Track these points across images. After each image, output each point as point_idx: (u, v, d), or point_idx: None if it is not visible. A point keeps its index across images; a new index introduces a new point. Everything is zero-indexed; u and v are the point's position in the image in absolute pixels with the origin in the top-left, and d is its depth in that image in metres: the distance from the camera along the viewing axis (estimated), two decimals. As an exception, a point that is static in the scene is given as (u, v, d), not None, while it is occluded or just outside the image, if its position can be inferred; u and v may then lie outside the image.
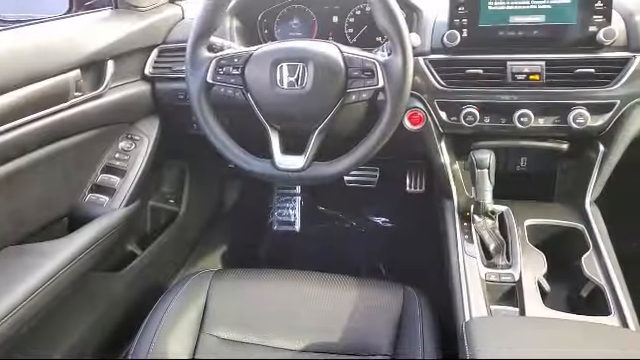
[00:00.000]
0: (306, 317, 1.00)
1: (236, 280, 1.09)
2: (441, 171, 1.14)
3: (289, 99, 0.98)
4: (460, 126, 1.06)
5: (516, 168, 1.20)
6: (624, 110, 0.99)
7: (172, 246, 1.55)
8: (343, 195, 1.86)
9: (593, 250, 0.96)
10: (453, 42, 1.03)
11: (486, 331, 0.76)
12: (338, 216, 1.91)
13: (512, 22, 1.01)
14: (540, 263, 0.94)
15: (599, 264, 0.93)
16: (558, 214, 1.06)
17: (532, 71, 1.00)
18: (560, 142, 1.10)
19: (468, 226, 1.05)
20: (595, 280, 0.90)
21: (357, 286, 1.04)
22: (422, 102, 1.07)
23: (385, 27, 0.93)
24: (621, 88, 0.98)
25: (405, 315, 0.97)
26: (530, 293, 0.88)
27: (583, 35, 0.98)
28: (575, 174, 1.12)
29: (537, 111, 1.02)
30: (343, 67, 0.96)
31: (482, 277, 0.93)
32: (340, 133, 1.08)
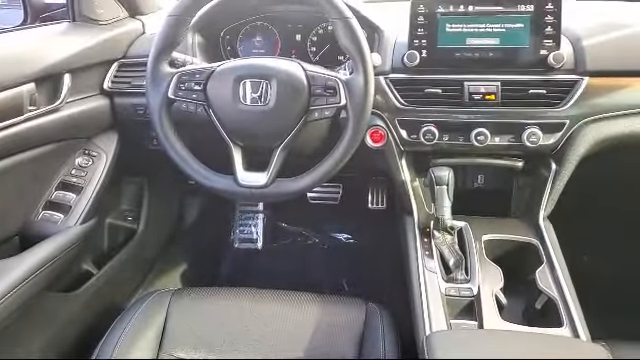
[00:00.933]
0: (268, 336, 0.98)
1: (196, 299, 1.07)
2: (402, 188, 1.16)
3: (252, 116, 0.98)
4: (420, 144, 1.09)
5: (474, 185, 1.24)
6: (573, 130, 1.04)
7: (130, 265, 1.50)
8: (306, 212, 1.86)
9: (547, 264, 0.99)
10: (413, 62, 1.06)
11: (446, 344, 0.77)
12: (301, 233, 1.91)
13: (469, 44, 1.05)
14: (497, 277, 0.97)
15: (552, 278, 0.96)
16: (514, 229, 1.09)
17: (488, 91, 1.04)
18: (515, 160, 1.14)
19: (428, 242, 1.07)
20: (548, 293, 0.93)
21: (319, 303, 1.04)
22: (383, 120, 1.10)
23: (347, 46, 0.95)
24: (570, 109, 1.03)
25: (367, 331, 0.97)
26: (488, 307, 0.90)
27: (535, 58, 1.03)
28: (529, 191, 1.16)
29: (493, 130, 1.05)
30: (306, 85, 0.97)
31: (442, 292, 0.95)
32: (303, 150, 1.09)
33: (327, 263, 1.82)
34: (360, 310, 1.02)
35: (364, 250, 1.83)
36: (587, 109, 1.03)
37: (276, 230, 1.91)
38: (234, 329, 1.00)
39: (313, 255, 1.86)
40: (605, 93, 1.03)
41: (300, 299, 1.06)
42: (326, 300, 1.05)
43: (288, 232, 1.92)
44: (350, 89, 0.96)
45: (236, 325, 1.01)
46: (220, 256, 1.85)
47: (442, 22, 1.05)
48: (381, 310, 1.02)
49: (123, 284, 1.51)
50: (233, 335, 0.99)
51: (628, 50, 1.06)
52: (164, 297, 1.06)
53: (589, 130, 1.04)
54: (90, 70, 1.17)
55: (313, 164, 1.00)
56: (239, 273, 1.81)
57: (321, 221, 1.90)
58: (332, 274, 1.77)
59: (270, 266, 1.82)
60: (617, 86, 1.03)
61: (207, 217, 1.90)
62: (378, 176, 1.69)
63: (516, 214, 1.19)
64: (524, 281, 1.00)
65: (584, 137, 1.05)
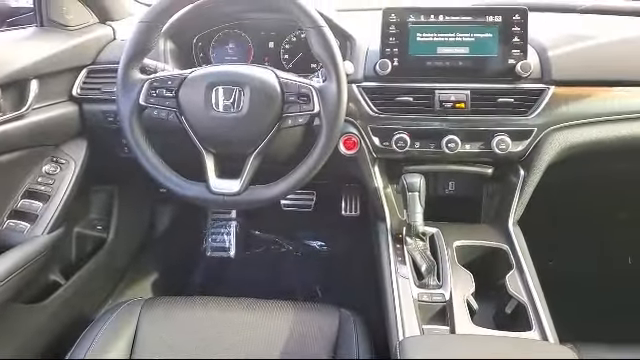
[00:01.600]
0: (240, 345, 0.97)
1: (168, 308, 1.05)
2: (375, 195, 1.17)
3: (225, 122, 0.98)
4: (392, 151, 1.10)
5: (445, 191, 1.26)
6: (541, 137, 1.07)
7: (100, 274, 1.47)
8: (279, 219, 1.86)
9: (516, 269, 1.01)
10: (385, 70, 1.07)
11: (418, 350, 0.78)
12: (274, 240, 1.90)
13: (439, 53, 1.07)
14: (468, 282, 0.98)
15: (522, 282, 0.98)
16: (484, 235, 1.11)
17: (458, 99, 1.06)
18: (485, 167, 1.16)
19: (401, 248, 1.08)
20: (518, 297, 0.95)
21: (293, 311, 1.04)
22: (356, 128, 1.11)
23: (320, 54, 0.96)
24: (537, 117, 1.06)
25: (341, 337, 0.97)
26: (460, 312, 0.92)
27: (503, 67, 1.06)
28: (499, 197, 1.18)
29: (463, 137, 1.07)
30: (279, 92, 0.97)
31: (414, 297, 0.96)
32: (277, 157, 1.09)
33: (300, 270, 1.82)
34: (333, 317, 1.02)
35: (338, 257, 1.83)
36: (553, 117, 1.06)
37: (249, 238, 1.90)
38: (206, 338, 0.98)
39: (286, 263, 1.85)
40: (570, 102, 1.06)
41: (273, 307, 1.05)
42: (299, 307, 1.05)
43: (261, 240, 1.91)
44: (323, 97, 0.96)
45: (209, 334, 0.99)
46: (192, 265, 1.83)
47: (413, 31, 1.07)
48: (354, 316, 1.02)
49: (92, 294, 1.47)
50: (205, 344, 0.97)
51: (591, 61, 1.10)
52: (135, 306, 1.04)
53: (555, 137, 1.08)
54: (58, 76, 1.15)
55: (287, 171, 1.00)
56: (211, 282, 1.79)
57: (295, 228, 1.90)
58: (306, 281, 1.76)
59: (243, 274, 1.81)
60: (581, 95, 1.07)
61: (179, 225, 1.87)
62: (351, 183, 1.70)
63: (486, 220, 1.21)
64: (494, 286, 1.01)
65: (551, 144, 1.08)
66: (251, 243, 1.90)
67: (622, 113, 1.07)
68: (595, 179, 1.41)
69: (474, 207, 1.23)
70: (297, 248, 1.89)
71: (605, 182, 1.46)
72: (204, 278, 1.80)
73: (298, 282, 1.77)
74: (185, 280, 1.78)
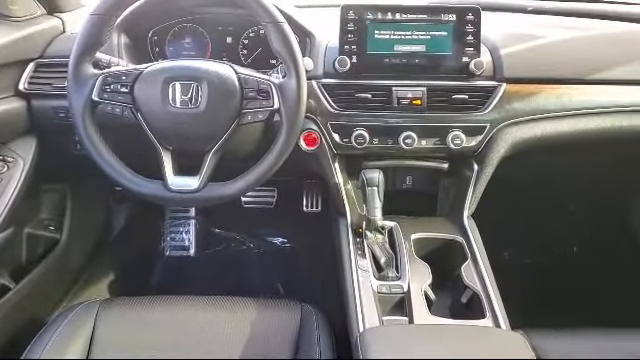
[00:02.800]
0: (201, 343, 0.96)
1: (126, 309, 1.02)
2: (335, 190, 1.18)
3: (182, 118, 0.96)
4: (352, 147, 1.11)
5: (403, 186, 1.28)
6: (493, 133, 1.11)
7: (52, 277, 1.41)
8: (240, 216, 1.85)
9: (471, 260, 1.05)
10: (344, 67, 1.08)
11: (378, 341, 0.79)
12: (235, 238, 1.89)
13: (396, 50, 1.09)
14: (426, 274, 1.01)
15: (476, 273, 1.02)
16: (440, 228, 1.15)
17: (415, 96, 1.09)
18: (441, 162, 1.20)
19: (361, 241, 1.10)
20: (473, 287, 0.98)
21: (254, 307, 1.03)
22: (316, 124, 1.11)
23: (279, 50, 0.95)
24: (490, 113, 1.09)
25: (303, 332, 0.98)
26: (417, 302, 0.94)
27: (457, 64, 1.09)
28: (454, 191, 1.22)
29: (420, 133, 1.10)
30: (238, 87, 0.96)
31: (374, 289, 0.97)
32: (236, 153, 1.08)
33: (262, 268, 1.81)
34: (295, 312, 1.02)
35: (299, 253, 1.84)
36: (505, 113, 1.10)
37: (209, 236, 1.88)
38: (167, 338, 0.97)
39: (248, 260, 1.84)
40: (521, 99, 1.10)
41: (234, 304, 1.04)
42: (261, 304, 1.05)
43: (222, 238, 1.89)
44: (283, 93, 0.96)
45: (169, 333, 0.98)
46: (151, 265, 1.79)
47: (371, 29, 1.08)
48: (316, 311, 1.03)
49: (45, 297, 1.42)
50: (166, 344, 0.96)
51: (540, 59, 1.15)
52: (91, 308, 1.01)
53: (507, 133, 1.12)
54: (2, 70, 1.10)
55: (247, 168, 1.00)
56: (171, 281, 1.76)
57: (256, 225, 1.89)
58: (267, 278, 1.76)
59: (204, 273, 1.79)
60: (531, 92, 1.11)
61: (136, 225, 1.83)
62: (312, 179, 1.71)
63: (442, 213, 1.24)
64: (450, 277, 1.05)
65: (503, 139, 1.12)
66: (211, 241, 1.87)
67: (569, 110, 1.12)
68: (543, 172, 1.47)
69: (431, 201, 1.26)
70: (258, 245, 1.88)
71: (552, 175, 1.53)
72: (163, 278, 1.77)
73: (260, 279, 1.76)
74: (144, 280, 1.74)
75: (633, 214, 1.70)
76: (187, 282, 1.75)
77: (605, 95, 1.13)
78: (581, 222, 1.75)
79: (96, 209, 1.69)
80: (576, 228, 1.77)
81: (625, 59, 1.14)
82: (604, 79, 1.13)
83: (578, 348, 0.91)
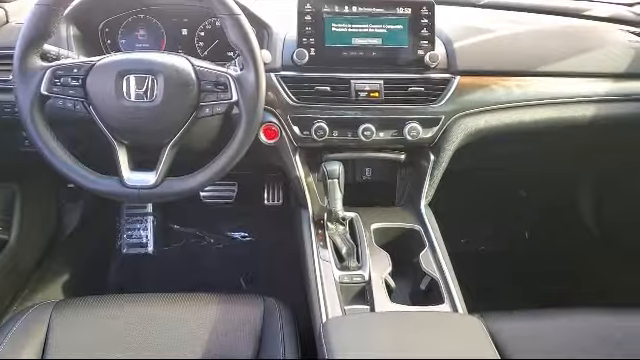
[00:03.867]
0: (162, 341, 0.94)
1: (81, 310, 0.99)
2: (297, 183, 1.19)
3: (137, 112, 0.94)
4: (312, 140, 1.12)
5: (362, 178, 1.30)
6: (448, 124, 1.14)
7: (1, 279, 1.35)
8: (199, 212, 1.82)
9: (429, 248, 1.08)
10: (302, 60, 1.08)
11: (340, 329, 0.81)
12: (195, 234, 1.86)
13: (354, 43, 1.10)
14: (386, 263, 1.03)
15: (434, 260, 1.04)
16: (399, 217, 1.17)
17: (372, 89, 1.10)
18: (398, 153, 1.22)
19: (322, 233, 1.11)
20: (431, 274, 1.01)
21: (216, 303, 1.02)
22: (276, 117, 1.11)
23: (236, 43, 0.94)
24: (445, 105, 1.12)
25: (266, 325, 0.98)
26: (378, 291, 0.96)
27: (413, 57, 1.11)
28: (412, 181, 1.25)
29: (378, 125, 1.12)
30: (195, 80, 0.95)
31: (336, 280, 0.99)
32: (195, 147, 1.07)
33: (223, 263, 1.80)
34: (258, 306, 1.02)
35: (261, 247, 1.83)
36: (459, 105, 1.13)
37: (168, 233, 1.85)
38: (125, 337, 0.95)
39: (209, 256, 1.82)
40: (473, 90, 1.14)
41: (195, 301, 1.03)
42: (223, 299, 1.04)
43: (181, 234, 1.86)
44: (241, 85, 0.95)
45: (127, 333, 0.95)
46: (107, 264, 1.74)
47: (328, 22, 1.09)
48: (279, 304, 1.03)
49: (-6, 301, 1.36)
50: (124, 344, 0.93)
51: (491, 52, 1.19)
52: (44, 310, 0.97)
53: (461, 124, 1.15)
54: None
55: (206, 162, 0.98)
56: (130, 280, 1.71)
57: (216, 221, 1.87)
58: (229, 274, 1.75)
59: (163, 270, 1.76)
60: (483, 84, 1.15)
61: (91, 223, 1.77)
62: (273, 173, 1.71)
63: (401, 203, 1.27)
64: (410, 264, 1.07)
65: (457, 130, 1.15)
66: (170, 238, 1.84)
67: (518, 101, 1.16)
68: (496, 161, 1.53)
69: (389, 191, 1.28)
70: (219, 240, 1.86)
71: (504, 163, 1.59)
72: (121, 276, 1.73)
73: (221, 275, 1.75)
74: (100, 280, 1.69)
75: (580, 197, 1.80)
76: (146, 280, 1.71)
77: (552, 87, 1.18)
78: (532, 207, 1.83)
79: (47, 208, 1.63)
80: (528, 213, 1.85)
81: (570, 52, 1.20)
82: (551, 71, 1.18)
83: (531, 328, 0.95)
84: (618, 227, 1.68)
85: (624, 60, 1.20)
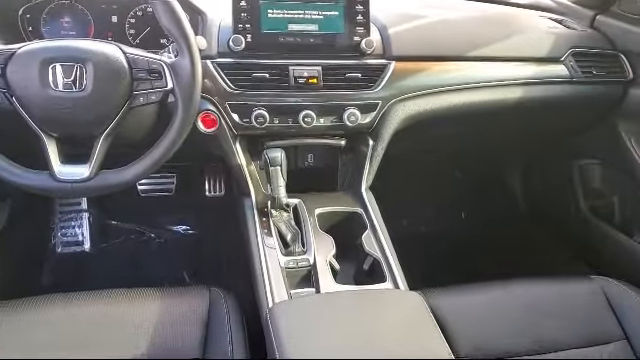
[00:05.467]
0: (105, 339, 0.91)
1: (13, 312, 0.94)
2: (238, 171, 1.18)
3: (66, 103, 0.90)
4: (252, 127, 1.11)
5: (305, 164, 1.31)
6: (385, 109, 1.17)
7: None
8: (138, 206, 1.77)
9: (370, 229, 1.11)
10: (238, 46, 1.07)
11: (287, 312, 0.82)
12: (134, 229, 1.80)
13: (290, 30, 1.10)
14: (330, 246, 1.05)
15: (376, 241, 1.08)
16: (341, 202, 1.19)
17: (311, 75, 1.11)
18: (339, 139, 1.23)
19: (266, 221, 1.11)
20: (373, 254, 1.04)
21: (159, 297, 1.00)
22: (214, 105, 1.09)
23: (170, 29, 0.92)
24: (381, 90, 1.15)
25: (212, 314, 0.97)
26: (323, 273, 0.98)
27: (350, 43, 1.12)
28: (352, 166, 1.27)
29: (318, 112, 1.13)
30: (127, 68, 0.92)
31: (282, 265, 1.00)
32: (130, 138, 1.03)
33: (166, 257, 1.76)
34: (203, 297, 1.01)
35: (204, 239, 1.81)
36: (395, 90, 1.16)
37: (105, 229, 1.78)
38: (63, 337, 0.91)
39: (150, 251, 1.78)
40: (409, 75, 1.17)
41: (138, 296, 1.00)
42: (167, 293, 1.02)
43: (119, 230, 1.79)
44: (176, 72, 0.93)
45: (65, 333, 0.91)
46: (41, 264, 1.65)
47: (264, 7, 1.08)
48: (224, 293, 1.02)
49: None
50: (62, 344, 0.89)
51: (424, 38, 1.22)
52: None
53: (398, 109, 1.18)
54: None
55: (142, 153, 0.96)
56: (66, 280, 1.64)
57: (156, 214, 1.82)
58: (172, 268, 1.71)
59: (102, 268, 1.69)
60: (418, 69, 1.18)
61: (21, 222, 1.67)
62: (214, 162, 1.68)
63: (343, 188, 1.29)
64: (353, 246, 1.10)
65: (394, 115, 1.18)
66: (108, 234, 1.77)
67: (452, 84, 1.21)
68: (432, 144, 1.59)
69: (332, 176, 1.30)
70: (160, 235, 1.81)
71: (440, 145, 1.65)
72: (56, 277, 1.65)
73: (164, 270, 1.71)
74: (33, 282, 1.60)
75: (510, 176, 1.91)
76: (84, 279, 1.65)
77: (481, 70, 1.23)
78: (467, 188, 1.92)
79: (-30, 208, 1.52)
80: (463, 194, 1.93)
81: (497, 38, 1.26)
82: (480, 56, 1.23)
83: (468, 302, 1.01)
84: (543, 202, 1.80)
85: (545, 45, 1.28)
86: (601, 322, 0.99)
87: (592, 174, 1.56)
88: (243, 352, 0.90)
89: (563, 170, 1.62)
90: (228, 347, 0.90)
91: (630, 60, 1.32)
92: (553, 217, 1.76)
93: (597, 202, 1.55)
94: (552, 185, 1.72)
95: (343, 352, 0.77)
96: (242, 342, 0.91)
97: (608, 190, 1.51)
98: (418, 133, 1.29)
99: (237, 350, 0.90)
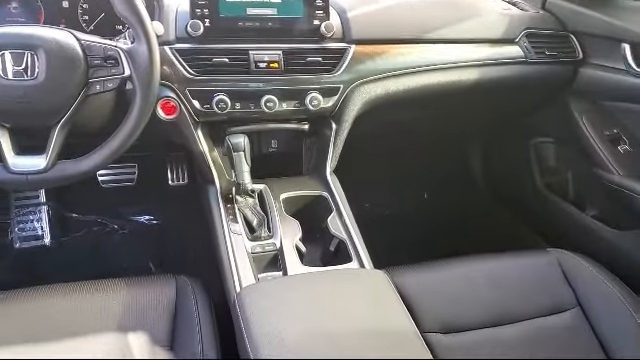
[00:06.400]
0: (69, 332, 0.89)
1: None
2: (201, 159, 1.17)
3: (17, 92, 0.87)
4: (213, 113, 1.10)
5: (269, 149, 1.31)
6: (347, 93, 1.18)
7: None
8: (99, 198, 1.72)
9: (336, 212, 1.12)
10: (197, 31, 1.05)
11: (254, 296, 0.83)
12: (96, 221, 1.76)
13: (249, 14, 1.09)
14: (296, 229, 1.06)
15: (341, 223, 1.09)
16: (307, 186, 1.20)
17: (272, 59, 1.10)
18: (302, 123, 1.24)
19: (232, 207, 1.11)
20: (339, 236, 1.06)
21: (125, 287, 0.99)
22: (174, 91, 1.07)
23: (125, 15, 0.90)
24: (342, 74, 1.15)
25: (180, 303, 0.97)
26: (290, 256, 0.99)
27: (309, 27, 1.12)
28: (316, 150, 1.28)
29: (280, 96, 1.12)
30: (82, 55, 0.89)
31: (248, 251, 1.00)
32: (88, 127, 1.01)
33: (130, 248, 1.73)
34: (170, 286, 1.00)
35: (169, 229, 1.78)
36: (356, 74, 1.17)
37: (66, 222, 1.73)
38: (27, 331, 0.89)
39: (113, 243, 1.74)
40: (368, 59, 1.18)
41: (103, 287, 0.99)
42: (132, 283, 1.01)
43: (81, 222, 1.75)
44: (133, 59, 0.91)
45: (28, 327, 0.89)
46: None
47: (221, -9, 1.07)
48: (191, 281, 1.02)
49: None
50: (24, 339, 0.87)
51: (383, 21, 1.24)
52: None
53: (359, 92, 1.19)
54: None
55: (101, 142, 0.94)
56: (26, 276, 1.59)
57: (118, 205, 1.78)
58: (137, 259, 1.69)
59: (64, 262, 1.65)
60: (377, 53, 1.20)
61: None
62: (176, 151, 1.66)
63: (307, 172, 1.30)
64: (319, 229, 1.12)
65: (356, 99, 1.20)
66: (69, 227, 1.72)
67: (411, 67, 1.23)
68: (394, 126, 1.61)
69: (296, 161, 1.31)
70: (123, 226, 1.78)
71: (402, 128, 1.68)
72: (15, 273, 1.59)
73: (129, 261, 1.68)
74: (-10, 280, 1.55)
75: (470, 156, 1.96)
76: (45, 274, 1.60)
77: (439, 53, 1.25)
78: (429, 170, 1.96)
79: None
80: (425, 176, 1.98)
81: (453, 20, 1.29)
82: (437, 38, 1.26)
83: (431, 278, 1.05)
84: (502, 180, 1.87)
85: (499, 27, 1.32)
86: (557, 292, 1.04)
87: (547, 152, 1.62)
88: (212, 339, 0.90)
89: (520, 149, 1.68)
90: (197, 334, 0.90)
91: (580, 40, 1.37)
92: (512, 195, 1.82)
93: (552, 179, 1.62)
94: (510, 164, 1.78)
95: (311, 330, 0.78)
96: (211, 329, 0.91)
97: (562, 167, 1.58)
98: (380, 116, 1.31)
99: (206, 337, 0.90)
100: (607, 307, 1.00)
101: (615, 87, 1.29)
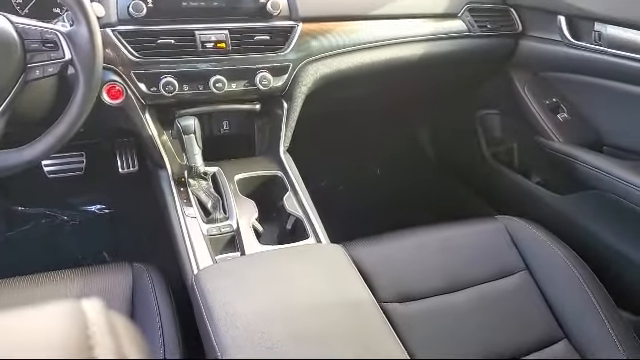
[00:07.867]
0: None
1: None
2: (151, 143, 1.14)
3: None
4: (161, 96, 1.08)
5: (221, 131, 1.30)
6: (296, 71, 1.18)
7: None
8: (46, 189, 1.66)
9: (291, 191, 1.13)
10: (139, 12, 1.02)
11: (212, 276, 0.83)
12: (44, 213, 1.70)
13: (193, -7, 1.07)
14: (252, 210, 1.06)
15: (297, 201, 1.11)
16: (261, 166, 1.20)
17: (218, 39, 1.09)
18: (253, 103, 1.23)
19: (185, 191, 1.09)
20: (295, 214, 1.07)
21: (80, 277, 0.97)
22: (119, 75, 1.04)
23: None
24: (291, 53, 1.15)
25: (137, 289, 0.96)
26: (247, 237, 1.00)
27: (256, 6, 1.11)
28: (269, 130, 1.28)
29: (229, 77, 1.11)
30: (17, 39, 0.85)
31: (204, 233, 1.00)
32: (29, 115, 0.97)
33: (83, 239, 1.68)
34: (126, 273, 0.99)
35: (122, 216, 1.75)
36: (304, 52, 1.17)
37: (11, 216, 1.66)
38: None
39: (64, 234, 1.69)
40: (316, 37, 1.19)
41: (56, 278, 0.97)
42: (87, 272, 0.99)
43: (28, 215, 1.68)
44: (74, 42, 0.88)
45: None
46: None
47: (163, -30, 1.04)
48: (148, 268, 1.01)
49: None
50: None
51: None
52: None
53: (308, 70, 1.20)
54: None
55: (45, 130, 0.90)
56: (-29, 274, 1.52)
57: (67, 196, 1.73)
58: (91, 249, 1.65)
59: (12, 258, 1.59)
60: (324, 30, 1.20)
61: None
62: (124, 137, 1.61)
63: (261, 152, 1.30)
64: (275, 209, 1.12)
65: (305, 77, 1.20)
66: (15, 221, 1.66)
67: (358, 44, 1.24)
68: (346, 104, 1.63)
69: (249, 142, 1.30)
70: (73, 216, 1.72)
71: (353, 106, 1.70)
72: (-40, 271, 1.52)
73: (82, 251, 1.64)
74: None
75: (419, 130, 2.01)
76: None
77: (385, 29, 1.27)
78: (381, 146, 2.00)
79: None
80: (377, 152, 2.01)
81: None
82: (383, 14, 1.27)
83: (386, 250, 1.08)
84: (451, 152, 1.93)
85: (442, 2, 1.34)
86: (506, 257, 1.09)
87: (492, 123, 1.68)
88: (172, 323, 0.90)
89: (467, 121, 1.74)
90: (156, 320, 0.90)
91: (519, 14, 1.42)
92: (461, 166, 1.89)
93: (498, 149, 1.68)
94: (458, 136, 1.84)
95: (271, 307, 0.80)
96: (170, 313, 0.91)
97: (507, 137, 1.64)
98: (331, 94, 1.32)
99: (166, 322, 0.90)
100: (552, 268, 1.07)
101: (553, 58, 1.35)
